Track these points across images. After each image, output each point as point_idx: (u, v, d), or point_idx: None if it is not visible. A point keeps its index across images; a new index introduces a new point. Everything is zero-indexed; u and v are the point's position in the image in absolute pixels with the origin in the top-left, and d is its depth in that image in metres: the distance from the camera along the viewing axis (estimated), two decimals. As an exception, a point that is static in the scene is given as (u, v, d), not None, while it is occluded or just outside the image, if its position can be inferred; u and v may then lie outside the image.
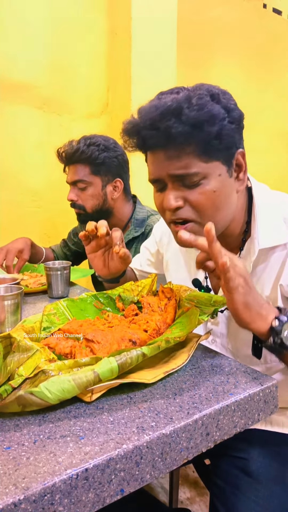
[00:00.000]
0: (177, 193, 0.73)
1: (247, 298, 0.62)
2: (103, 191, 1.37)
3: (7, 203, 1.91)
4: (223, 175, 0.72)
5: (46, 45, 1.91)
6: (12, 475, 0.41)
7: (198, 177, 0.71)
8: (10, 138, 1.88)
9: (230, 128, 0.70)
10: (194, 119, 0.66)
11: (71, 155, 1.34)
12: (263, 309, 0.64)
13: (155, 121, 0.68)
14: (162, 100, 0.69)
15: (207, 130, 0.67)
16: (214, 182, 0.72)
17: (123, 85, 2.02)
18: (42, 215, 2.02)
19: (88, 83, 2.08)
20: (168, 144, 0.70)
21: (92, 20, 2.03)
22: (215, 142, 0.69)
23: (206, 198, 0.72)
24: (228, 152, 0.72)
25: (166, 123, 0.67)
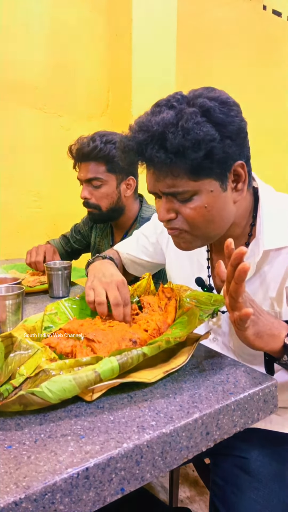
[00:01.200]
0: (169, 205, 0.74)
1: (258, 328, 0.63)
2: (117, 189, 1.36)
3: (8, 204, 1.91)
4: (216, 190, 0.72)
5: (46, 46, 1.92)
6: (13, 474, 0.41)
7: (188, 194, 0.72)
8: (10, 138, 1.88)
9: (222, 146, 0.68)
10: (178, 146, 0.65)
11: (88, 152, 1.30)
12: (274, 329, 0.64)
13: (140, 146, 0.69)
14: (152, 118, 0.69)
15: (191, 157, 0.66)
16: (205, 198, 0.72)
17: (124, 86, 2.03)
18: (43, 215, 2.02)
19: (88, 84, 2.08)
20: (154, 168, 0.71)
21: (92, 21, 2.04)
22: (205, 162, 0.68)
23: (197, 213, 0.73)
24: (221, 167, 0.71)
25: (150, 151, 0.67)
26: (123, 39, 1.99)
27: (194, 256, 0.94)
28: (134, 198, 1.43)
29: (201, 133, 0.65)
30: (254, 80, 2.84)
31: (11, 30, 1.81)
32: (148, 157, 0.68)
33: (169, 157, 0.66)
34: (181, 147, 0.65)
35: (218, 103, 0.68)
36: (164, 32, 2.03)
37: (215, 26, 2.55)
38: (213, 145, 0.67)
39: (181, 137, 0.65)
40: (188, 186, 0.70)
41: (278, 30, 2.93)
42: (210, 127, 0.66)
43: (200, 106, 0.67)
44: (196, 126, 0.65)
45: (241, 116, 0.72)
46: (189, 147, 0.65)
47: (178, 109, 0.68)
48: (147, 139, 0.67)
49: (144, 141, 0.68)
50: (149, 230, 1.10)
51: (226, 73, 2.63)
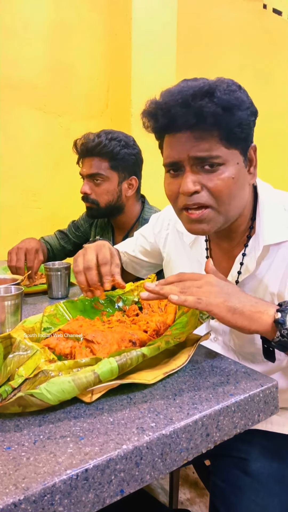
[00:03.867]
0: (195, 177, 0.72)
1: (231, 304, 0.62)
2: (118, 188, 1.36)
3: (8, 203, 1.91)
4: (240, 164, 0.74)
5: (46, 46, 1.91)
6: (12, 475, 0.41)
7: (219, 160, 0.71)
8: (10, 138, 1.88)
9: (250, 120, 0.72)
10: (226, 101, 0.67)
11: (92, 147, 1.31)
12: (258, 306, 0.63)
13: (187, 100, 0.68)
14: (192, 83, 0.71)
15: (236, 115, 0.69)
16: (232, 169, 0.72)
17: (123, 86, 2.03)
18: (42, 215, 2.02)
19: (88, 83, 2.08)
20: (197, 124, 0.69)
21: (92, 21, 2.04)
22: (237, 130, 0.70)
23: (225, 184, 0.72)
24: (246, 143, 0.74)
25: (199, 102, 0.67)
26: (123, 39, 1.99)
27: (193, 256, 0.94)
28: (136, 199, 1.43)
29: (243, 96, 0.70)
30: (254, 80, 2.84)
31: (11, 30, 1.81)
32: (197, 108, 0.67)
33: (218, 111, 0.67)
34: (229, 103, 0.68)
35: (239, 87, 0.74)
36: (164, 31, 2.03)
37: (215, 25, 2.55)
38: (248, 114, 0.71)
39: (228, 95, 0.68)
40: (221, 151, 0.71)
41: (279, 29, 2.93)
42: (246, 96, 0.72)
43: (232, 81, 0.73)
44: (237, 90, 0.71)
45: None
46: (235, 105, 0.69)
47: (213, 80, 0.72)
48: (196, 93, 0.68)
49: (191, 95, 0.68)
50: (147, 230, 1.10)
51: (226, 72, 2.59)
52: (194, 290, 0.62)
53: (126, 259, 1.13)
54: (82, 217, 1.60)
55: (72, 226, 1.61)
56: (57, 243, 1.58)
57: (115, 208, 1.38)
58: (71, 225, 1.62)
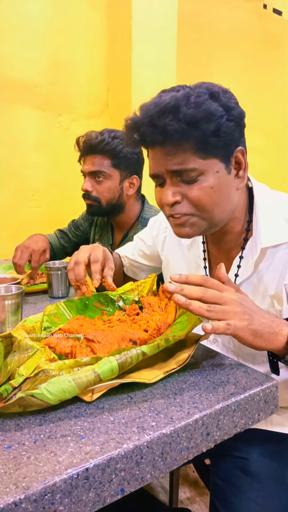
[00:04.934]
0: (175, 188, 0.74)
1: (254, 327, 0.62)
2: (120, 186, 1.35)
3: (7, 203, 1.91)
4: (221, 172, 0.73)
5: (46, 45, 1.91)
6: (13, 475, 0.41)
7: (195, 173, 0.71)
8: (10, 137, 1.88)
9: (228, 126, 0.70)
10: (190, 116, 0.67)
11: (95, 145, 1.30)
12: (274, 326, 0.64)
13: (153, 118, 0.69)
14: (162, 97, 0.70)
15: (203, 128, 0.68)
16: (211, 178, 0.72)
17: (123, 85, 2.03)
18: (42, 214, 2.02)
19: (88, 83, 2.08)
20: (165, 141, 0.70)
21: (92, 20, 2.04)
22: (213, 139, 0.69)
23: (204, 194, 0.73)
24: (227, 149, 0.73)
25: (164, 121, 0.68)
26: (123, 38, 1.99)
27: (191, 258, 0.94)
28: (136, 198, 1.43)
29: (211, 107, 0.68)
30: (254, 80, 2.84)
31: (11, 29, 1.80)
32: (161, 127, 0.68)
33: (182, 127, 0.67)
34: (194, 118, 0.67)
35: (221, 90, 0.72)
36: (164, 31, 2.03)
37: (215, 25, 2.55)
38: (221, 122, 0.69)
39: (194, 108, 0.67)
40: (196, 163, 0.71)
41: (279, 29, 2.93)
42: (217, 105, 0.69)
43: (207, 89, 0.70)
44: (206, 101, 0.68)
45: (240, 106, 0.74)
46: (202, 119, 0.67)
47: (185, 90, 0.71)
48: (160, 111, 0.68)
49: (156, 113, 0.68)
50: (145, 234, 1.11)
51: (227, 72, 2.63)
52: (220, 309, 0.61)
53: (126, 263, 1.14)
54: (82, 216, 1.60)
55: (72, 226, 1.61)
56: (57, 242, 1.58)
57: (116, 206, 1.38)
58: (71, 224, 1.62)
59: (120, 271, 1.15)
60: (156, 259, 1.08)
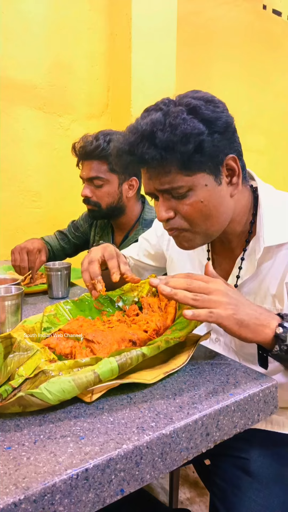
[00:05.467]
0: (167, 205, 0.75)
1: (239, 317, 0.62)
2: (119, 189, 1.35)
3: (7, 203, 1.91)
4: (210, 184, 0.73)
5: (46, 46, 1.91)
6: (13, 475, 0.41)
7: (184, 189, 0.72)
8: (10, 138, 1.88)
9: (212, 139, 0.70)
10: (166, 141, 0.67)
11: (90, 151, 1.30)
12: (262, 318, 0.64)
13: (131, 146, 0.70)
14: (141, 121, 0.71)
15: (181, 150, 0.68)
16: (200, 192, 0.73)
17: (123, 86, 2.03)
18: (42, 215, 2.02)
19: (88, 83, 2.08)
20: (146, 166, 0.73)
21: (92, 20, 2.04)
22: (196, 156, 0.69)
23: (194, 208, 0.73)
24: (214, 161, 0.72)
25: (141, 149, 0.69)
26: (123, 38, 1.99)
27: (195, 257, 0.94)
28: (136, 199, 1.43)
29: (188, 127, 0.67)
30: (254, 80, 2.84)
31: (11, 30, 1.81)
32: (139, 155, 0.69)
33: (159, 152, 0.68)
34: (170, 142, 0.67)
35: (203, 101, 0.71)
36: (164, 31, 2.03)
37: (215, 25, 2.55)
38: (202, 139, 0.68)
39: (169, 132, 0.67)
40: (182, 181, 0.71)
41: (278, 29, 2.93)
42: (196, 122, 0.68)
43: (186, 105, 0.70)
44: (183, 122, 0.67)
45: (227, 112, 0.74)
46: (178, 142, 0.67)
47: (165, 110, 0.70)
48: (137, 139, 0.69)
49: (134, 141, 0.70)
50: (150, 234, 1.11)
51: (226, 72, 2.63)
52: (206, 298, 0.61)
53: (132, 264, 1.15)
54: (81, 217, 1.60)
55: (72, 227, 1.61)
56: (57, 244, 1.58)
57: (117, 209, 1.38)
58: (70, 225, 1.61)
59: None
60: (161, 258, 1.08)
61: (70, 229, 1.61)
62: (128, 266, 0.84)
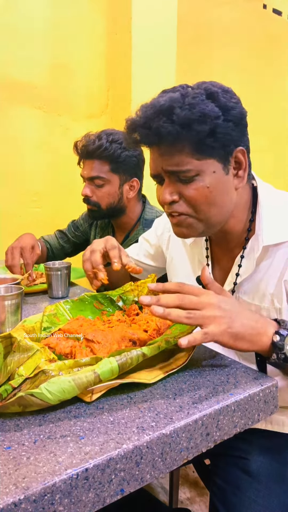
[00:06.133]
0: (172, 187, 0.75)
1: (234, 330, 0.61)
2: (119, 190, 1.35)
3: (7, 203, 1.91)
4: (218, 172, 0.73)
5: (46, 45, 1.91)
6: (12, 475, 0.41)
7: (191, 173, 0.72)
8: (10, 138, 1.88)
9: (226, 126, 0.70)
10: (184, 118, 0.67)
11: (93, 150, 1.29)
12: (258, 326, 0.63)
13: (148, 120, 0.70)
14: (159, 98, 0.71)
15: (197, 129, 0.68)
16: (208, 178, 0.73)
17: (123, 85, 2.03)
18: (42, 215, 2.02)
19: (88, 83, 2.08)
20: (160, 143, 0.71)
21: (92, 20, 2.04)
22: (208, 140, 0.70)
23: (200, 194, 0.73)
24: (224, 150, 0.73)
25: (157, 123, 0.68)
26: (123, 38, 1.99)
27: (194, 256, 0.94)
28: (137, 200, 1.43)
29: (206, 109, 0.68)
30: (254, 80, 2.84)
31: (11, 30, 1.81)
32: (155, 129, 0.69)
33: (175, 129, 0.68)
34: (187, 119, 0.67)
35: (221, 90, 0.72)
36: (164, 31, 2.03)
37: (215, 25, 2.55)
38: (217, 123, 0.69)
39: (187, 110, 0.67)
40: (192, 164, 0.71)
41: (279, 29, 2.93)
42: (214, 106, 0.69)
43: (205, 89, 0.71)
44: (201, 102, 0.68)
45: (241, 105, 0.74)
46: (195, 120, 0.67)
47: (183, 91, 0.71)
48: (155, 113, 0.69)
49: (151, 115, 0.69)
50: (150, 234, 1.11)
51: (226, 72, 2.63)
52: (199, 315, 0.60)
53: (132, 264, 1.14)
54: (82, 216, 1.60)
55: (72, 226, 1.60)
56: (56, 243, 1.58)
57: (117, 210, 1.37)
58: (70, 225, 1.61)
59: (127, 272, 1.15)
60: (161, 258, 1.08)
61: (70, 229, 1.61)
62: (130, 258, 0.84)
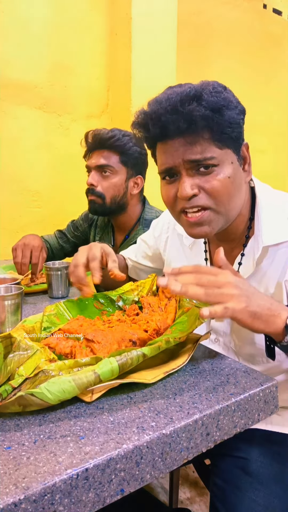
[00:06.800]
0: (192, 180, 0.73)
1: (252, 309, 0.61)
2: (125, 184, 1.35)
3: (7, 203, 1.91)
4: (235, 163, 0.74)
5: (46, 45, 1.91)
6: (13, 475, 0.41)
7: (213, 161, 0.72)
8: (10, 138, 1.88)
9: (239, 118, 0.73)
10: (214, 103, 0.68)
11: (105, 139, 1.30)
12: (273, 308, 0.63)
13: (176, 106, 0.68)
14: (177, 89, 0.71)
15: (225, 115, 0.69)
16: (228, 168, 0.73)
17: (123, 85, 2.03)
18: (42, 215, 2.02)
19: (88, 83, 2.08)
20: (188, 129, 0.70)
21: (92, 20, 2.04)
22: (228, 130, 0.71)
23: (222, 184, 0.73)
24: (238, 142, 0.74)
25: (188, 107, 0.68)
26: (123, 38, 1.99)
27: (193, 257, 0.94)
28: (139, 199, 1.43)
29: (229, 96, 0.71)
30: (254, 79, 2.84)
31: (11, 29, 1.81)
32: (187, 113, 0.68)
33: (207, 113, 0.68)
34: (217, 104, 0.69)
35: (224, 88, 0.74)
36: (164, 31, 2.03)
37: (215, 25, 2.55)
38: (236, 113, 0.72)
39: (216, 96, 0.69)
40: (214, 152, 0.72)
41: (279, 29, 2.93)
42: (232, 95, 0.72)
43: (217, 83, 0.73)
44: (224, 90, 0.72)
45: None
46: (224, 105, 0.69)
47: (197, 84, 0.72)
48: (183, 99, 0.68)
49: (179, 100, 0.68)
50: (148, 236, 1.11)
51: (227, 72, 2.63)
52: (218, 292, 0.60)
53: (130, 265, 1.15)
54: (81, 217, 1.59)
55: (71, 226, 1.60)
56: (56, 243, 1.58)
57: (119, 205, 1.37)
58: (70, 225, 1.61)
59: (125, 273, 1.15)
60: (159, 260, 1.08)
61: (69, 229, 1.60)
62: (117, 264, 0.82)
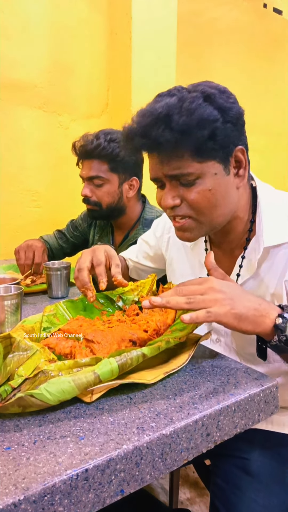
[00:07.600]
0: (174, 191, 0.74)
1: (237, 311, 0.61)
2: (119, 189, 1.35)
3: (7, 203, 1.91)
4: (219, 173, 0.73)
5: (46, 46, 1.91)
6: (12, 476, 0.41)
7: (193, 176, 0.72)
8: (10, 137, 1.88)
9: (225, 128, 0.70)
10: (183, 125, 0.66)
11: (91, 150, 1.29)
12: (261, 309, 0.63)
13: (146, 129, 0.69)
14: (155, 105, 0.70)
15: (197, 135, 0.67)
16: (209, 181, 0.72)
17: (123, 85, 2.03)
18: (42, 214, 2.02)
19: (88, 83, 2.08)
20: (159, 150, 0.71)
21: (92, 20, 2.04)
22: (209, 143, 0.69)
23: (202, 196, 0.73)
24: (224, 151, 0.72)
25: (156, 131, 0.68)
26: (123, 38, 1.99)
27: (194, 257, 0.94)
28: (136, 199, 1.42)
29: (205, 113, 0.67)
30: (254, 79, 2.84)
31: (11, 29, 1.80)
32: (154, 138, 0.68)
33: (175, 136, 0.67)
34: (186, 126, 0.66)
35: (217, 91, 0.71)
36: (164, 31, 2.03)
37: (215, 25, 2.55)
38: (216, 126, 0.68)
39: (186, 116, 0.66)
40: (193, 168, 0.71)
41: (279, 28, 2.93)
42: (212, 109, 0.68)
43: (201, 92, 0.70)
44: (199, 107, 0.67)
45: (238, 104, 0.74)
46: (194, 126, 0.67)
47: (179, 95, 0.70)
48: (152, 122, 0.68)
49: (149, 123, 0.68)
50: (149, 236, 1.11)
51: (227, 72, 2.63)
52: (200, 299, 0.60)
53: (131, 266, 1.15)
54: (80, 216, 1.59)
55: (71, 226, 1.60)
56: (55, 243, 1.58)
57: (117, 209, 1.37)
58: (69, 224, 1.61)
59: (126, 274, 1.15)
60: (160, 260, 1.08)
61: (68, 229, 1.60)
62: (120, 269, 0.82)
